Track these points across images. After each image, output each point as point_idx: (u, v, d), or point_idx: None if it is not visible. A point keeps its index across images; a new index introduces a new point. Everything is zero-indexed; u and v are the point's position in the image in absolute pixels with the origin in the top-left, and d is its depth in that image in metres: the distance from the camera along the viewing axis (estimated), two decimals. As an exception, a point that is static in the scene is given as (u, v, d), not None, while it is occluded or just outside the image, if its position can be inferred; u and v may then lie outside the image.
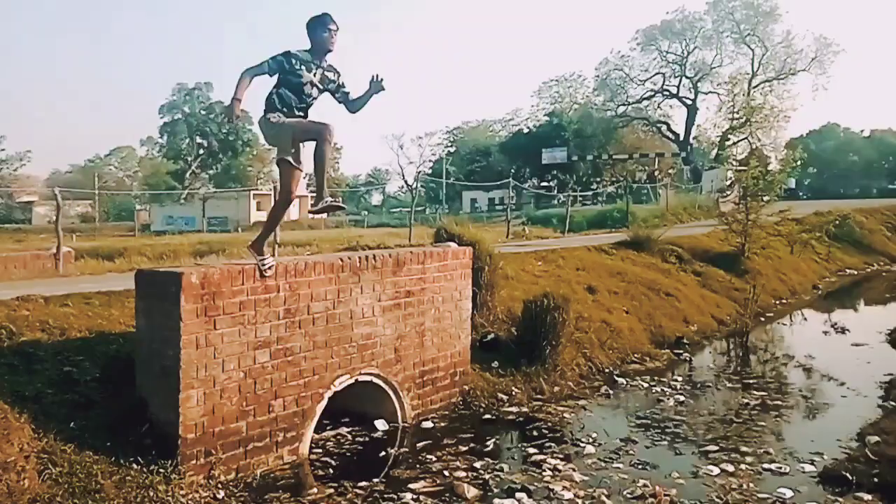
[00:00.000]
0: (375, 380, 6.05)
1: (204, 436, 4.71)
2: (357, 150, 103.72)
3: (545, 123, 57.84)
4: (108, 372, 5.10)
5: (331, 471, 5.31)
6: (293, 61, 4.94)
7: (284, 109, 4.96)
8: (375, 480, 5.09)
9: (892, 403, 6.80)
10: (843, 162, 66.73)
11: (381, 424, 6.18)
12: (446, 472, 5.17)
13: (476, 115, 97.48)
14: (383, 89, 5.22)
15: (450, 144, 71.73)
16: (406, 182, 74.26)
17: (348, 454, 5.70)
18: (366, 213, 53.61)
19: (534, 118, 62.23)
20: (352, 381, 5.81)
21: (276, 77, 4.98)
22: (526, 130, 61.22)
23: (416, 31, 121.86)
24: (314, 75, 5.06)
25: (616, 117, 54.51)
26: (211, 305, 4.72)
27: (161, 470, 4.39)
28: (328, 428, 6.07)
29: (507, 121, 69.38)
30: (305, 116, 5.12)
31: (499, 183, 26.10)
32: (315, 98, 5.16)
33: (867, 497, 4.66)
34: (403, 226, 19.28)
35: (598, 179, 55.17)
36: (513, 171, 47.78)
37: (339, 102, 5.33)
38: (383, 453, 5.69)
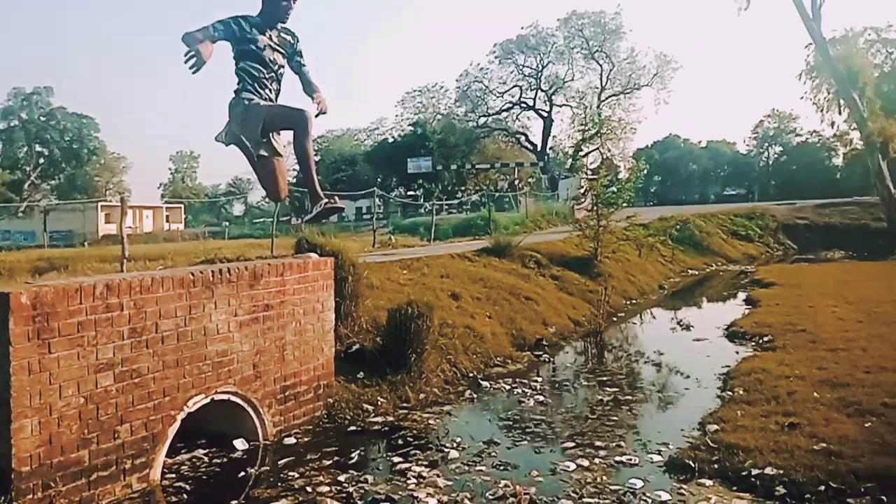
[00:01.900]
0: (233, 398, 5.82)
1: (41, 468, 4.33)
2: (215, 157, 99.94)
3: (410, 133, 58.37)
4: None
5: (185, 496, 5.04)
6: (244, 24, 4.35)
7: (255, 86, 4.43)
8: (234, 503, 4.89)
9: (729, 393, 7.37)
10: (683, 170, 72.22)
11: (240, 444, 5.95)
12: (309, 489, 5.06)
13: (340, 123, 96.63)
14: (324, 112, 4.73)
15: (315, 153, 70.59)
16: (269, 192, 72.10)
17: (205, 477, 5.44)
18: (227, 224, 51.61)
19: (398, 127, 62.70)
20: (207, 400, 5.56)
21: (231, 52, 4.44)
22: (391, 140, 61.50)
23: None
24: (270, 38, 4.48)
25: (478, 128, 56.03)
26: (45, 327, 4.36)
27: (-9, 509, 3.99)
28: (183, 451, 5.78)
29: (373, 130, 69.41)
30: (279, 90, 4.65)
31: (364, 192, 25.96)
32: (282, 66, 4.61)
33: (708, 483, 5.00)
34: (268, 237, 18.74)
35: (463, 188, 56.33)
36: (379, 180, 47.80)
37: (295, 73, 4.79)
38: (243, 473, 5.47)
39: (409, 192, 55.91)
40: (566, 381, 8.58)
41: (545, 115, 54.01)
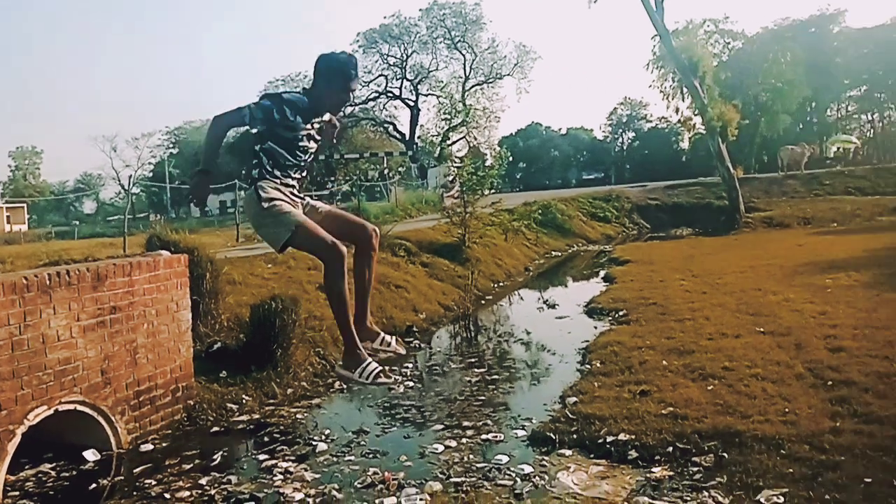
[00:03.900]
0: (80, 407, 5.44)
1: None
2: (60, 153, 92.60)
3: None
4: None
5: (30, 516, 4.66)
6: (286, 110, 3.51)
7: (277, 174, 3.57)
8: (85, 518, 4.59)
9: (588, 367, 7.73)
10: (546, 157, 75.06)
11: (91, 455, 5.58)
12: (167, 495, 4.82)
13: (199, 114, 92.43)
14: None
15: (172, 145, 67.26)
16: (123, 187, 68.09)
17: (52, 492, 5.07)
18: (77, 223, 48.12)
19: (261, 118, 60.82)
20: (50, 412, 5.16)
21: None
22: (255, 130, 59.57)
23: (136, 24, 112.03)
24: (312, 127, 3.65)
25: (344, 117, 55.34)
26: None
27: None
28: (27, 466, 5.37)
29: (234, 120, 66.94)
30: (303, 178, 3.79)
31: (227, 185, 24.89)
32: (313, 152, 3.78)
33: (568, 452, 5.23)
34: (122, 235, 17.63)
35: (333, 178, 55.59)
36: (244, 172, 46.16)
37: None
38: (95, 486, 5.14)
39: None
40: (436, 365, 8.70)
41: (412, 104, 54.27)
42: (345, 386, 7.69)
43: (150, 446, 5.84)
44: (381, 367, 3.51)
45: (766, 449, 4.58)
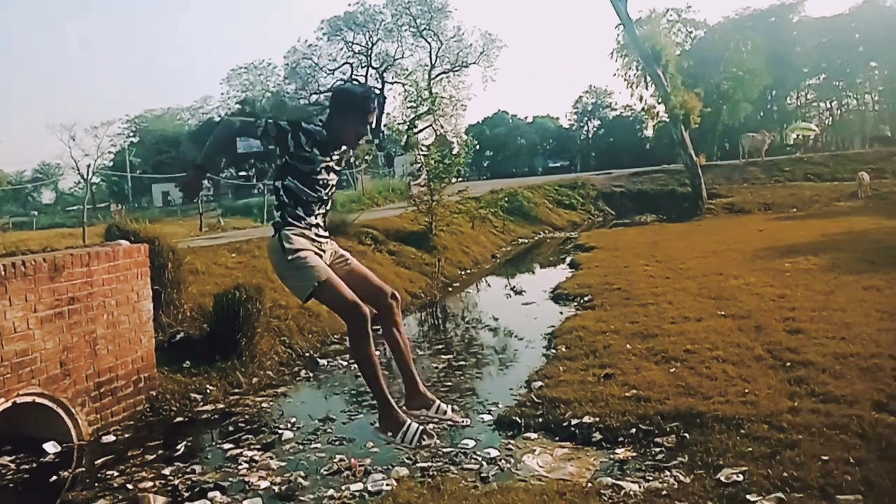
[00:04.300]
0: (39, 399, 5.32)
1: None
2: (16, 142, 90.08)
3: (237, 112, 55.94)
4: None
5: (-12, 510, 4.56)
6: (301, 138, 3.37)
7: (300, 212, 3.43)
8: (45, 510, 4.51)
9: (553, 351, 7.80)
10: (513, 145, 75.19)
11: (51, 447, 5.47)
12: (130, 486, 4.76)
13: (159, 103, 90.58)
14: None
15: (132, 134, 65.89)
16: (82, 176, 66.59)
17: (12, 485, 4.98)
18: (35, 213, 46.93)
19: (225, 106, 59.91)
20: (8, 404, 5.04)
21: (274, 153, 3.49)
22: (217, 119, 58.69)
23: (93, 10, 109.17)
24: (331, 159, 3.52)
25: (310, 105, 54.83)
26: None
27: None
28: (-15, 462, 5.23)
29: (197, 109, 65.86)
30: (327, 212, 3.64)
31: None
32: (335, 185, 3.62)
33: (534, 436, 5.27)
34: (82, 225, 17.28)
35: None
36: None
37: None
38: (55, 478, 5.05)
39: (241, 173, 53.88)
40: (403, 353, 8.67)
41: (378, 92, 53.88)
42: (311, 374, 7.65)
43: (112, 438, 5.75)
44: (422, 427, 3.37)
45: (727, 429, 4.68)
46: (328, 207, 3.63)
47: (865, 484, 3.65)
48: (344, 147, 3.60)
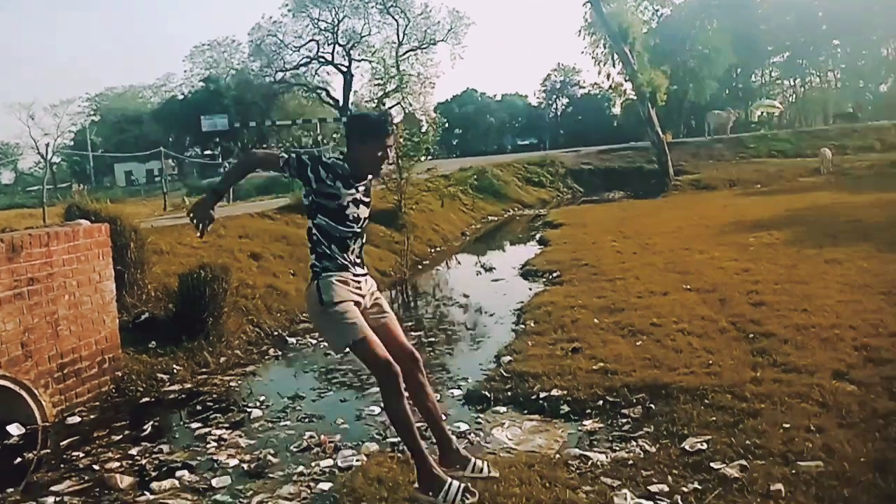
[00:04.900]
0: (1, 382, 5.20)
1: None
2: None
3: (201, 90, 54.97)
4: None
5: (-50, 494, 4.46)
6: (320, 171, 3.34)
7: (335, 250, 3.41)
8: (11, 490, 4.42)
9: (522, 326, 7.85)
10: (482, 123, 75.03)
11: (14, 429, 5.37)
12: (96, 467, 4.68)
13: (121, 80, 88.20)
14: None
15: (93, 112, 64.35)
16: (42, 156, 64.90)
17: (-25, 468, 4.87)
18: (-7, 195, 45.78)
19: (188, 84, 58.81)
20: (-33, 388, 4.93)
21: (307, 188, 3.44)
22: (181, 97, 57.59)
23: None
24: (357, 191, 3.48)
25: (275, 83, 54.05)
26: None
27: None
28: (-54, 446, 5.12)
29: (159, 87, 64.53)
30: (363, 244, 3.64)
31: (153, 152, 23.95)
32: (366, 218, 3.59)
33: (503, 409, 5.30)
34: (41, 205, 16.89)
35: (265, 146, 54.36)
36: (171, 139, 44.62)
37: None
38: (20, 459, 4.96)
39: (206, 152, 52.99)
40: (373, 330, 8.66)
41: (345, 70, 53.32)
42: (280, 353, 7.61)
43: (77, 419, 5.66)
44: (464, 484, 3.34)
45: (691, 399, 4.75)
46: (363, 241, 3.61)
47: (826, 450, 3.74)
48: (370, 176, 3.59)
